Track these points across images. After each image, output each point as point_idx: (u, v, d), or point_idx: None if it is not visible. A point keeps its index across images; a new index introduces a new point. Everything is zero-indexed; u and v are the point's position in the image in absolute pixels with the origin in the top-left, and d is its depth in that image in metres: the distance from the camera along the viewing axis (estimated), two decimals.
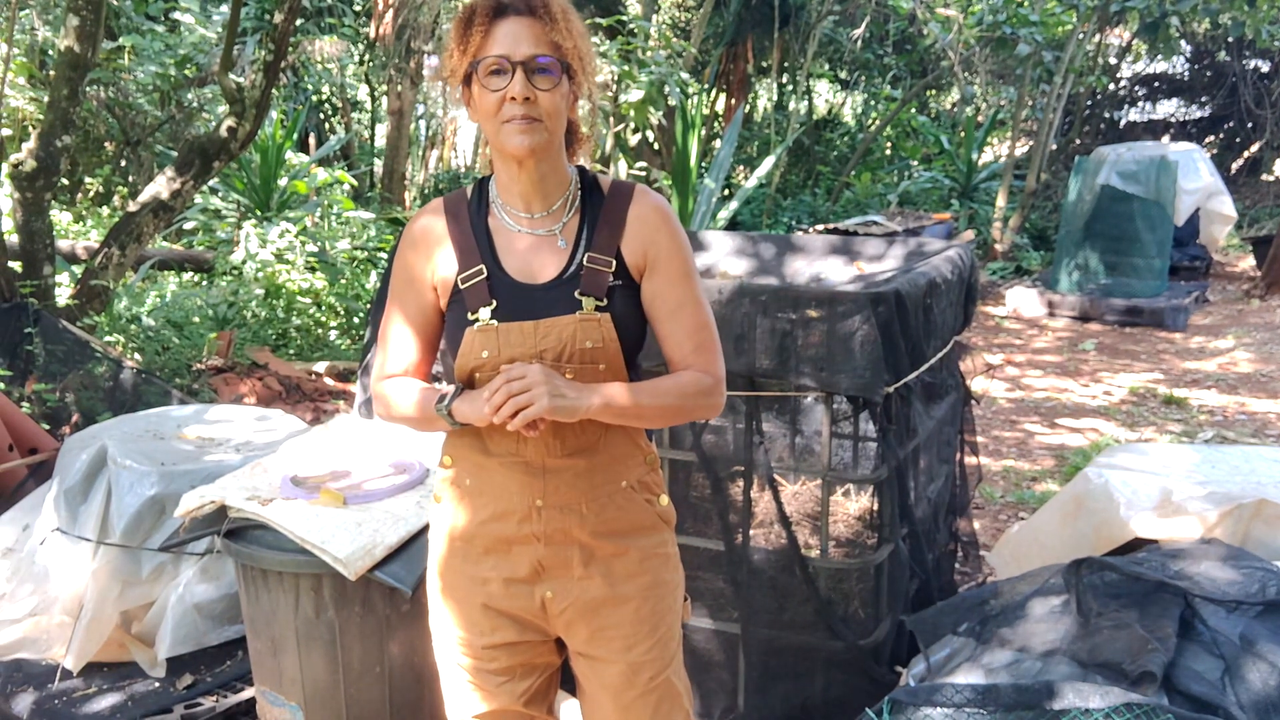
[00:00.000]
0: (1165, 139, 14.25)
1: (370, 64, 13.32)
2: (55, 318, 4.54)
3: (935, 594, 2.71)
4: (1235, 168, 14.32)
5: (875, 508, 2.55)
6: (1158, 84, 15.44)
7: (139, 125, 9.94)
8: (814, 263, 3.25)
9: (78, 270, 6.11)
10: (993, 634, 2.03)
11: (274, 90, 5.52)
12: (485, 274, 1.56)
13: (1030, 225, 11.23)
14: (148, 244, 5.70)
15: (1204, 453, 2.84)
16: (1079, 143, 13.60)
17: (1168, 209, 8.48)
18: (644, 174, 9.19)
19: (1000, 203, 10.40)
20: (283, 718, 2.41)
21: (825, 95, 16.66)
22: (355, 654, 2.33)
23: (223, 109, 6.33)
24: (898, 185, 12.40)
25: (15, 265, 4.78)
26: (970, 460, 3.22)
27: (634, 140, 10.83)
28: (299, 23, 10.88)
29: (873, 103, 15.12)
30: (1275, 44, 8.91)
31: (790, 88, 13.96)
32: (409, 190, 13.82)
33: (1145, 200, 8.45)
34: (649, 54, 7.70)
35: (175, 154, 7.55)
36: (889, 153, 14.45)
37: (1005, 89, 13.23)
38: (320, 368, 5.98)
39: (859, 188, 12.13)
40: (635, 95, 7.34)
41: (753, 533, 2.56)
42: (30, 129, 7.86)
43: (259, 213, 7.81)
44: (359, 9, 12.60)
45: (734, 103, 13.31)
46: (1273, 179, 14.28)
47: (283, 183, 8.10)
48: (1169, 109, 15.66)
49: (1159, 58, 14.14)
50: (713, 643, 2.56)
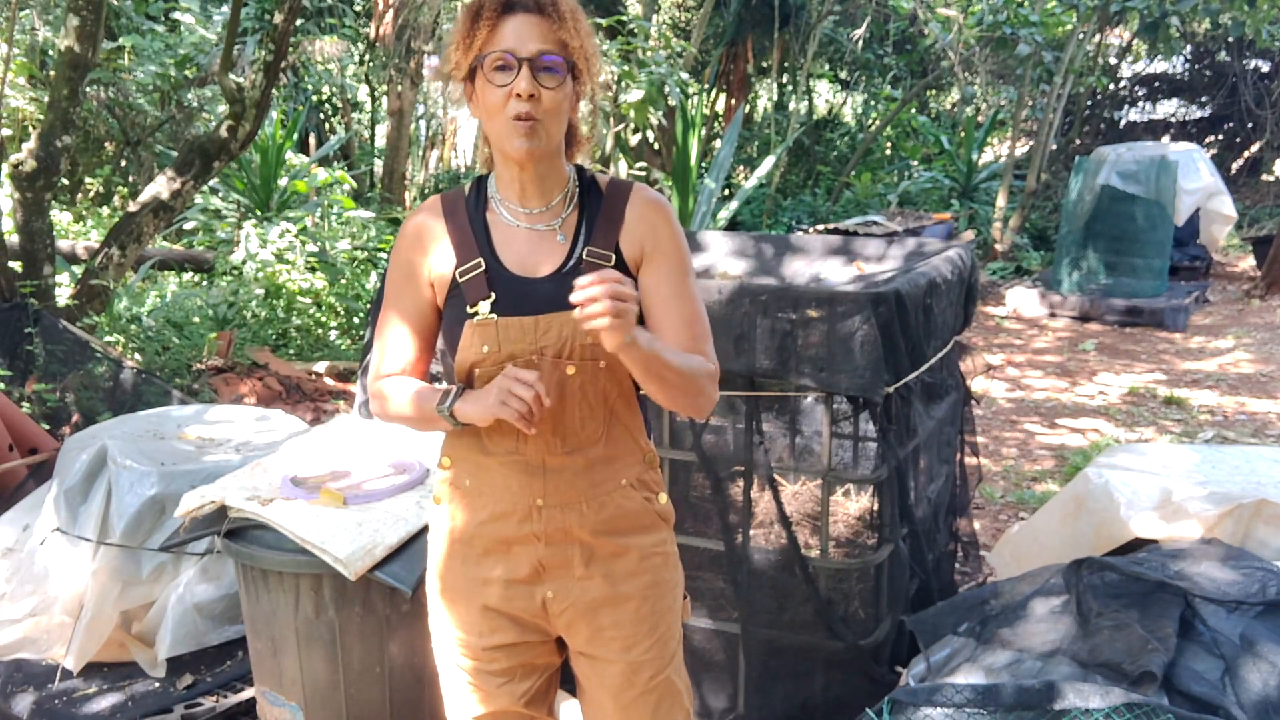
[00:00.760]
0: (1165, 139, 14.26)
1: (370, 64, 13.32)
2: (55, 318, 4.54)
3: (935, 594, 2.71)
4: (1235, 168, 14.32)
5: (875, 508, 2.55)
6: (1158, 84, 15.44)
7: (139, 125, 9.94)
8: (814, 263, 3.25)
9: (78, 270, 6.11)
10: (993, 634, 2.03)
11: (274, 90, 5.52)
12: (483, 267, 1.56)
13: (1030, 225, 11.23)
14: (148, 244, 5.70)
15: (1204, 453, 2.83)
16: (1079, 143, 13.60)
17: (1168, 209, 8.48)
18: (644, 174, 9.19)
19: (1000, 203, 10.39)
20: (283, 718, 2.41)
21: (825, 95, 16.66)
22: (355, 654, 2.33)
23: (223, 109, 6.33)
24: (898, 185, 12.40)
25: (15, 265, 4.78)
26: (970, 460, 3.21)
27: (634, 140, 10.84)
28: (299, 23, 10.87)
29: (873, 103, 15.12)
30: (1275, 44, 8.90)
31: (790, 88, 13.96)
32: (409, 190, 13.82)
33: (1145, 200, 8.45)
34: (649, 54, 7.70)
35: (175, 154, 7.56)
36: (889, 153, 14.44)
37: (1005, 89, 13.23)
38: (320, 368, 5.97)
39: (859, 188, 12.12)
40: (635, 95, 7.33)
41: (753, 533, 2.56)
42: (30, 129, 7.86)
43: (259, 213, 7.81)
44: (359, 9, 12.60)
45: (734, 103, 13.31)
46: (1273, 179, 14.27)
47: (283, 183, 8.10)
48: (1169, 109, 15.66)
49: (1159, 58, 14.15)
50: (713, 643, 2.56)
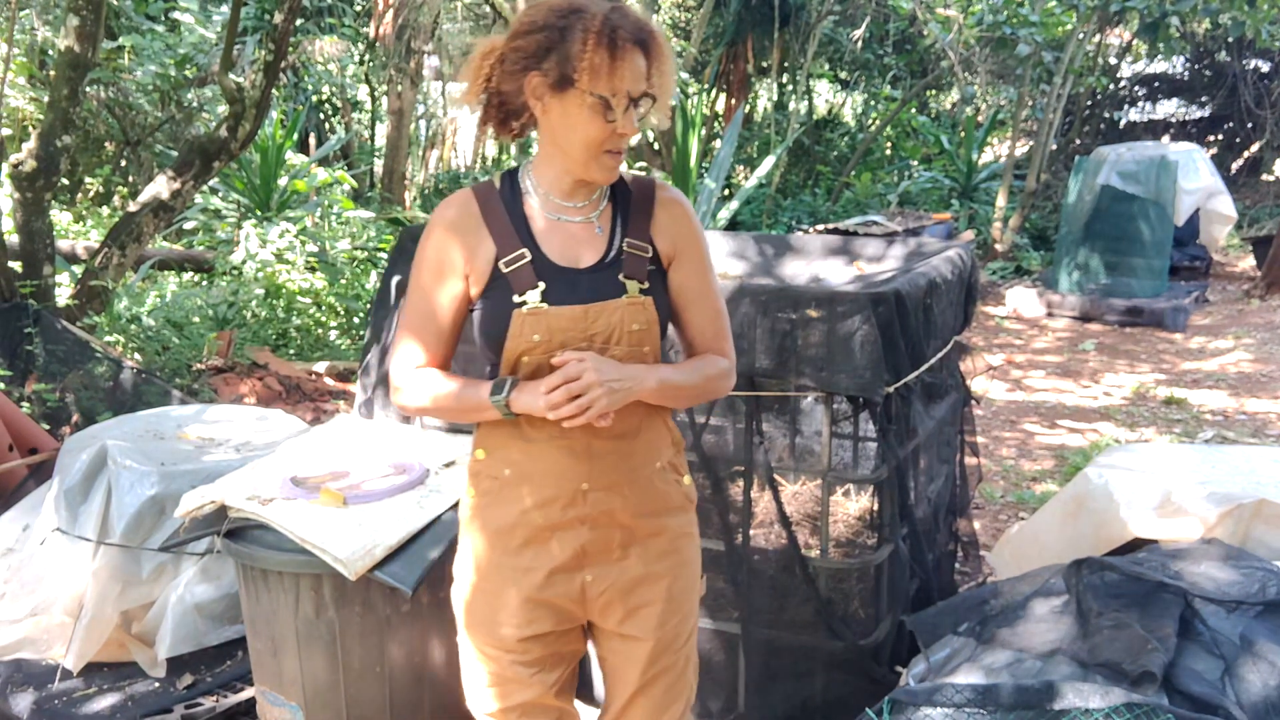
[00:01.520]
0: (1165, 139, 14.25)
1: (370, 64, 13.33)
2: (55, 318, 4.54)
3: (935, 594, 2.71)
4: (1235, 168, 14.32)
5: (875, 508, 2.55)
6: (1158, 84, 15.44)
7: (139, 125, 9.95)
8: (814, 263, 3.25)
9: (78, 270, 6.11)
10: (993, 634, 2.02)
11: (274, 90, 5.52)
12: (529, 257, 1.59)
13: (1030, 225, 11.22)
14: (148, 244, 5.70)
15: (1204, 453, 2.83)
16: (1079, 143, 13.60)
17: (1168, 209, 8.48)
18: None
19: (1000, 203, 10.39)
20: (283, 718, 2.41)
21: (825, 95, 16.66)
22: (355, 654, 2.33)
23: (223, 109, 6.33)
24: (898, 185, 12.40)
25: (15, 265, 4.78)
26: (970, 460, 3.21)
27: (634, 140, 10.84)
28: (299, 23, 10.87)
29: (873, 103, 15.12)
30: (1275, 44, 8.88)
31: (790, 88, 13.96)
32: (409, 190, 13.83)
33: (1145, 200, 8.44)
34: None
35: (175, 154, 7.56)
36: (889, 153, 14.44)
37: (1005, 89, 13.23)
38: (320, 368, 5.97)
39: (859, 188, 12.12)
40: None
41: (753, 533, 2.56)
42: (30, 129, 7.87)
43: (259, 213, 7.82)
44: (359, 9, 12.61)
45: (734, 103, 13.31)
46: (1273, 179, 14.27)
47: (283, 183, 8.10)
48: (1169, 109, 15.65)
49: (1159, 58, 14.14)
50: (713, 643, 2.56)
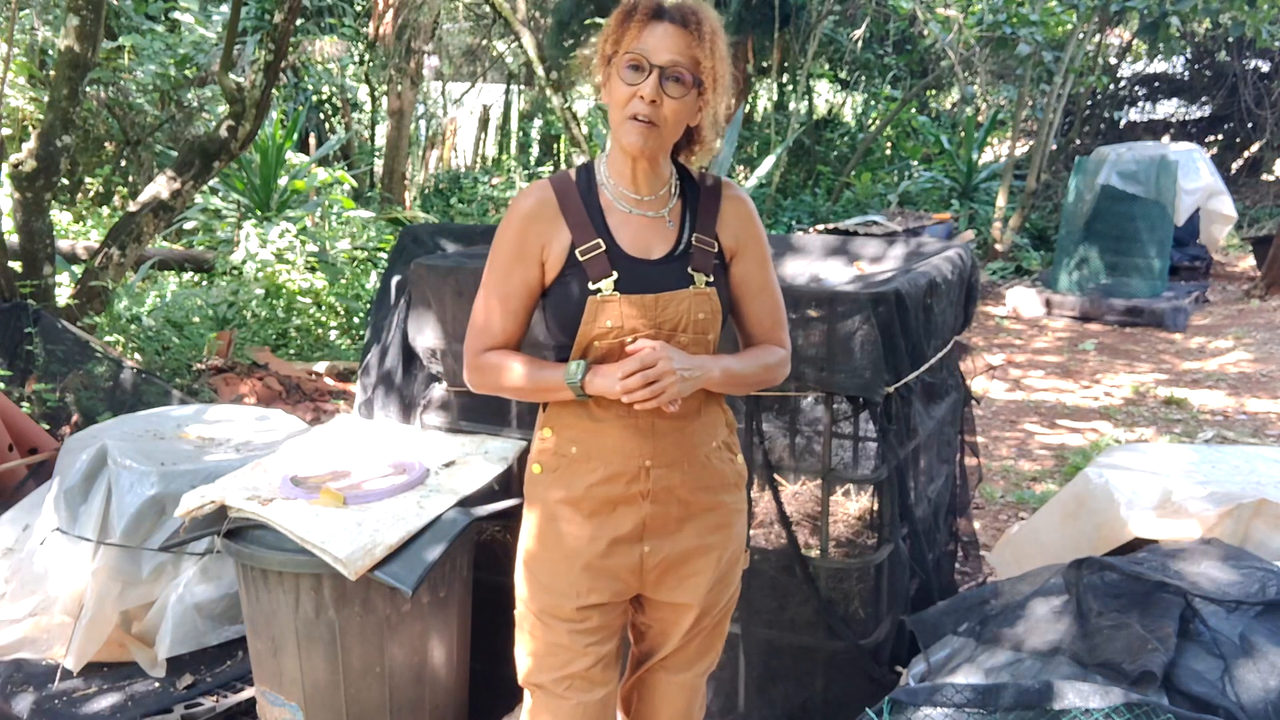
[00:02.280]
0: (1165, 139, 14.25)
1: (370, 64, 13.33)
2: (55, 318, 4.54)
3: (935, 594, 2.71)
4: (1235, 168, 14.31)
5: (875, 508, 2.55)
6: (1158, 84, 15.44)
7: (139, 125, 9.95)
8: (814, 263, 3.24)
9: (78, 270, 6.11)
10: (993, 634, 2.03)
11: (274, 90, 5.52)
12: (603, 247, 1.68)
13: (1030, 225, 11.22)
14: (148, 244, 5.71)
15: (1204, 453, 2.83)
16: (1079, 143, 13.60)
17: (1168, 209, 8.48)
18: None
19: (1000, 203, 10.39)
20: (283, 718, 2.41)
21: (825, 95, 16.65)
22: (355, 654, 2.33)
23: (223, 109, 6.33)
24: (898, 185, 12.40)
25: (15, 265, 4.78)
26: (970, 460, 3.21)
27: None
28: (299, 23, 10.88)
29: (873, 103, 15.11)
30: (1275, 44, 8.89)
31: (790, 88, 13.95)
32: (409, 190, 13.83)
33: (1145, 200, 8.45)
34: None
35: (175, 154, 7.56)
36: (889, 153, 14.44)
37: (1005, 89, 13.23)
38: (320, 368, 5.98)
39: (859, 188, 12.12)
40: None
41: (753, 533, 2.56)
42: (30, 129, 7.87)
43: (259, 213, 7.82)
44: (359, 9, 12.61)
45: (734, 103, 13.29)
46: (1273, 179, 14.27)
47: (283, 183, 8.10)
48: (1169, 109, 15.65)
49: (1159, 58, 14.14)
50: None
